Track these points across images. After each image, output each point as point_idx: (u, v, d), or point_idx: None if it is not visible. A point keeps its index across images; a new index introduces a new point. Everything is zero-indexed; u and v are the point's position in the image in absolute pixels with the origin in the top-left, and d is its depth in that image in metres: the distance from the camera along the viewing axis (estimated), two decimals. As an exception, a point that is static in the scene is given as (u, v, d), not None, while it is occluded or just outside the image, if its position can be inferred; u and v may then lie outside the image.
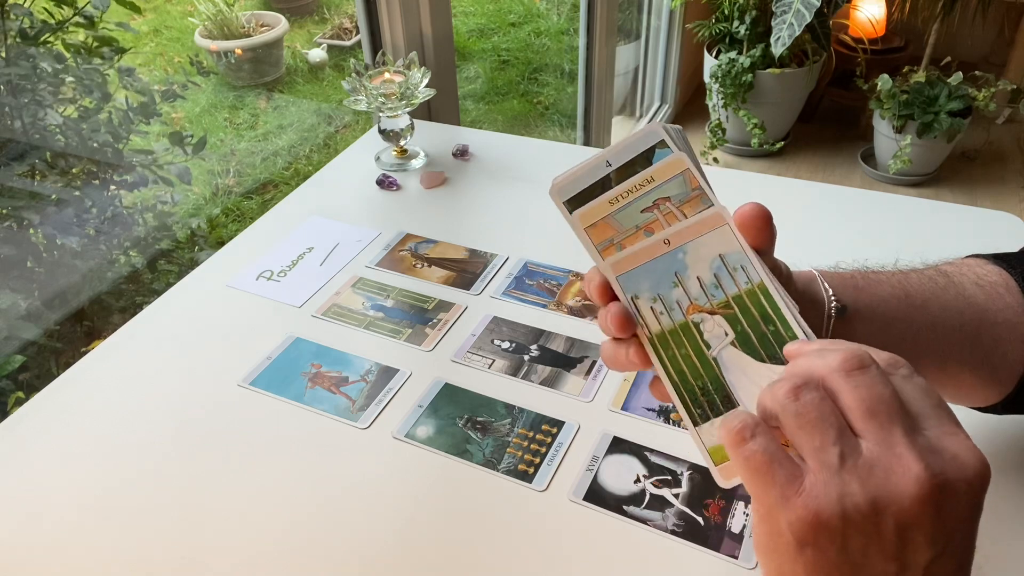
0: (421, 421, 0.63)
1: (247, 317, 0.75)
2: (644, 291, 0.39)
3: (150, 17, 2.06)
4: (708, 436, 0.37)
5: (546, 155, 1.01)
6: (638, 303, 0.39)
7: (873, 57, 2.56)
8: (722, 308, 0.38)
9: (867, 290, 0.46)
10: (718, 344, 0.37)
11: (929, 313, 0.46)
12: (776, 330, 0.37)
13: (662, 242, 0.39)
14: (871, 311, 0.45)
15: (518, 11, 3.04)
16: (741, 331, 0.37)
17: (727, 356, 0.37)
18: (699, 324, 0.38)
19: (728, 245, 0.38)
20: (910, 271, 0.48)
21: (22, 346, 1.09)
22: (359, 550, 0.53)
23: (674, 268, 0.38)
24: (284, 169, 1.97)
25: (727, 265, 0.38)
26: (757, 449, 0.32)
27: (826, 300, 0.44)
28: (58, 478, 0.59)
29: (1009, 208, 0.91)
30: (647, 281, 0.39)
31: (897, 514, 0.29)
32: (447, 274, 0.79)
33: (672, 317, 0.38)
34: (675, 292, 0.38)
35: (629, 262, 0.39)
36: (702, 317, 0.38)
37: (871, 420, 0.31)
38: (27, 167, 1.14)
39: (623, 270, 0.39)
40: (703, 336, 0.38)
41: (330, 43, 2.33)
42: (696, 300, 0.38)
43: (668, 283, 0.38)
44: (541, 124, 2.66)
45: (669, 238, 0.38)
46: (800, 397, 0.31)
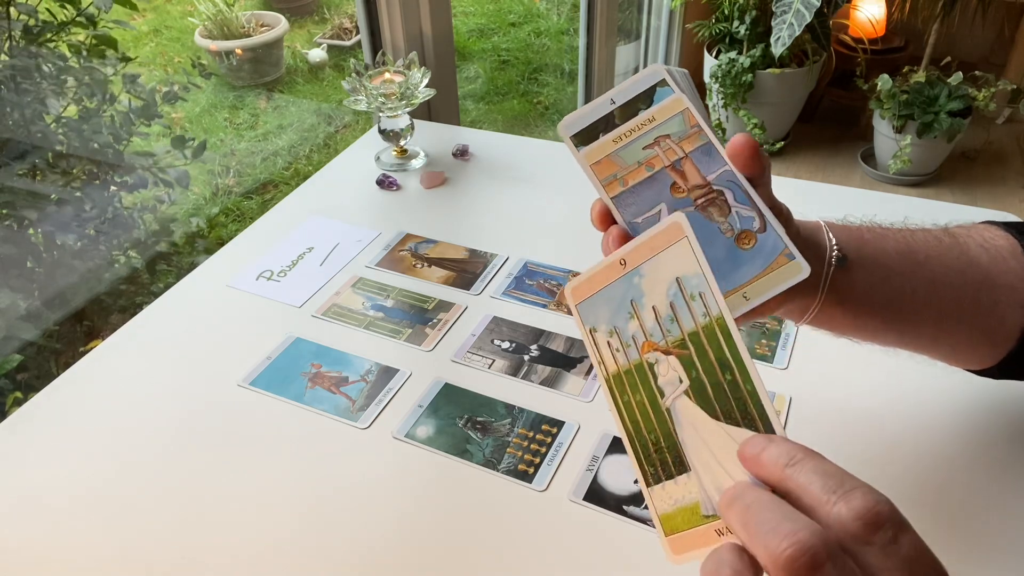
0: (421, 421, 0.63)
1: (247, 317, 0.75)
2: (601, 323, 0.35)
3: (150, 17, 2.06)
4: (660, 501, 0.33)
5: (546, 155, 1.01)
6: (595, 336, 0.35)
7: (873, 57, 2.56)
8: (677, 347, 0.33)
9: (871, 243, 0.46)
10: (671, 392, 0.33)
11: (930, 269, 0.46)
12: (734, 380, 0.31)
13: (618, 263, 0.34)
14: (873, 262, 0.45)
15: (518, 11, 3.04)
16: (696, 378, 0.32)
17: (680, 408, 0.33)
18: (654, 365, 0.33)
19: (687, 265, 0.33)
20: (917, 229, 0.49)
21: (21, 346, 1.09)
22: (359, 550, 0.53)
23: (630, 295, 0.34)
24: (284, 169, 1.97)
25: (684, 292, 0.33)
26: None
27: (828, 248, 0.44)
28: (58, 478, 0.59)
29: (1009, 208, 0.91)
30: (604, 310, 0.35)
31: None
32: (447, 274, 0.79)
33: (628, 355, 0.34)
34: (631, 325, 0.34)
35: (587, 288, 0.35)
36: (656, 357, 0.33)
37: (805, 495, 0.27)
38: (28, 167, 1.14)
39: (582, 297, 0.36)
40: (657, 381, 0.33)
41: (330, 43, 2.33)
42: (651, 336, 0.33)
43: (624, 313, 0.34)
44: (541, 124, 2.66)
45: (625, 258, 0.34)
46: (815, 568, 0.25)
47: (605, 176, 0.43)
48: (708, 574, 0.28)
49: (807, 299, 0.45)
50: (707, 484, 0.31)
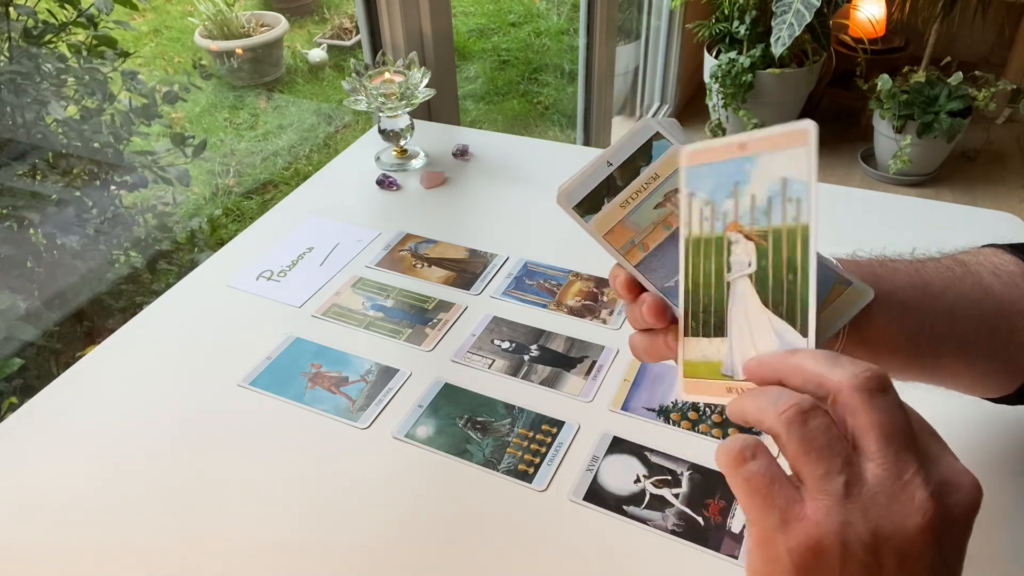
0: (421, 421, 0.63)
1: (247, 317, 0.75)
2: (701, 191, 0.37)
3: (150, 17, 2.06)
4: (689, 349, 0.38)
5: (546, 155, 1.01)
6: (692, 200, 0.37)
7: (873, 57, 2.56)
8: (759, 236, 0.35)
9: (885, 278, 0.45)
10: (738, 271, 0.36)
11: (946, 302, 0.46)
12: (794, 284, 0.34)
13: (736, 146, 0.36)
14: (888, 298, 0.44)
15: (518, 11, 3.04)
16: (763, 267, 0.35)
17: (740, 287, 0.36)
18: (732, 244, 0.36)
19: (798, 169, 0.34)
20: (927, 260, 0.48)
21: (22, 347, 1.09)
22: (359, 550, 0.53)
23: (737, 177, 0.36)
24: (284, 169, 1.97)
25: (785, 191, 0.34)
26: (757, 471, 0.31)
27: None
28: (58, 478, 0.59)
29: (1009, 208, 0.91)
30: (709, 181, 0.37)
31: (900, 545, 0.29)
32: (447, 274, 0.79)
33: (714, 226, 0.37)
34: (727, 203, 0.36)
35: (702, 156, 0.37)
36: (737, 237, 0.36)
37: (887, 447, 0.30)
38: (28, 167, 1.14)
39: (696, 161, 0.37)
40: (729, 257, 0.36)
41: (330, 43, 2.33)
42: (741, 218, 0.36)
43: (726, 191, 0.36)
44: (541, 124, 2.66)
45: (746, 143, 0.36)
46: (808, 422, 0.31)
47: (622, 244, 0.41)
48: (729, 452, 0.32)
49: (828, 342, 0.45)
50: (735, 352, 0.36)
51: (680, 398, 0.37)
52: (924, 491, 0.29)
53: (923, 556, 0.29)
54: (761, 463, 0.31)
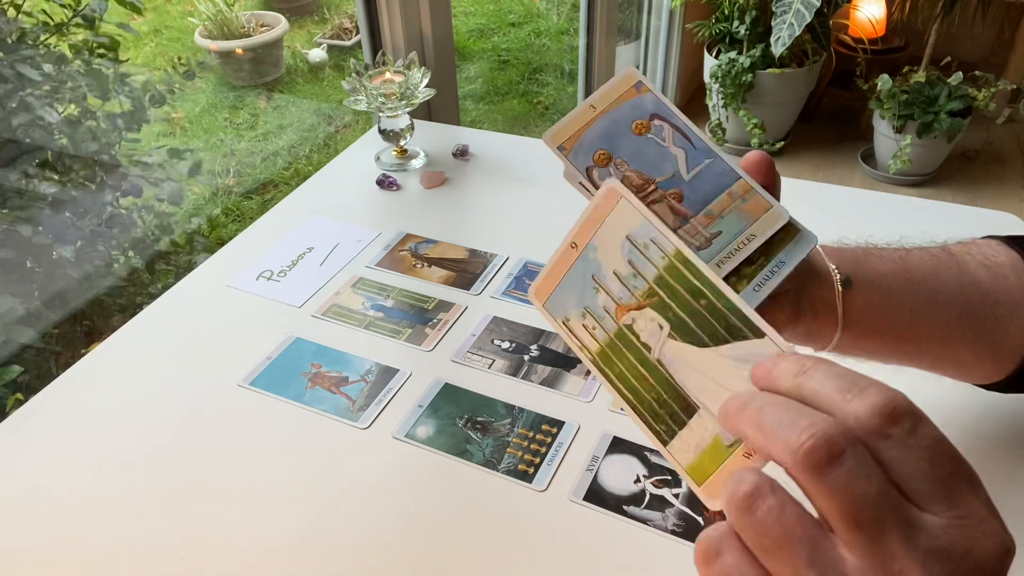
0: (421, 421, 0.63)
1: (247, 317, 0.75)
2: (571, 309, 0.35)
3: (150, 17, 2.06)
4: (681, 454, 0.32)
5: (546, 155, 1.00)
6: (570, 325, 0.35)
7: (873, 57, 2.56)
8: (647, 298, 0.33)
9: (866, 263, 0.46)
10: (656, 342, 0.32)
11: (927, 288, 0.46)
12: (709, 303, 0.31)
13: (569, 247, 0.35)
14: (869, 283, 0.45)
15: (518, 11, 3.04)
16: (674, 316, 0.32)
17: (669, 352, 0.32)
18: (631, 325, 0.33)
19: (631, 221, 0.33)
20: (913, 248, 0.49)
21: (21, 348, 1.09)
22: (359, 550, 0.53)
23: (590, 271, 0.34)
24: (284, 169, 1.97)
25: (637, 245, 0.33)
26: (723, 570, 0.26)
27: (832, 273, 0.45)
28: (58, 478, 0.59)
29: (1009, 208, 0.91)
30: (571, 296, 0.35)
31: None
32: (447, 274, 0.79)
33: (605, 327, 0.34)
34: (600, 298, 0.34)
35: (548, 284, 0.36)
36: (632, 316, 0.33)
37: (856, 530, 0.24)
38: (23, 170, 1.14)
39: (546, 295, 0.36)
40: (640, 338, 0.33)
41: (330, 43, 2.33)
42: (620, 300, 0.33)
43: (590, 290, 0.34)
44: (541, 124, 2.66)
45: (575, 241, 0.35)
46: (754, 510, 0.25)
47: None
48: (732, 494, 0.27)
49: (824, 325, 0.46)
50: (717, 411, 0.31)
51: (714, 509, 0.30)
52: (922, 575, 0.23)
53: None
54: (728, 561, 0.26)
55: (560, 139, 0.41)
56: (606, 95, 0.42)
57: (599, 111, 0.41)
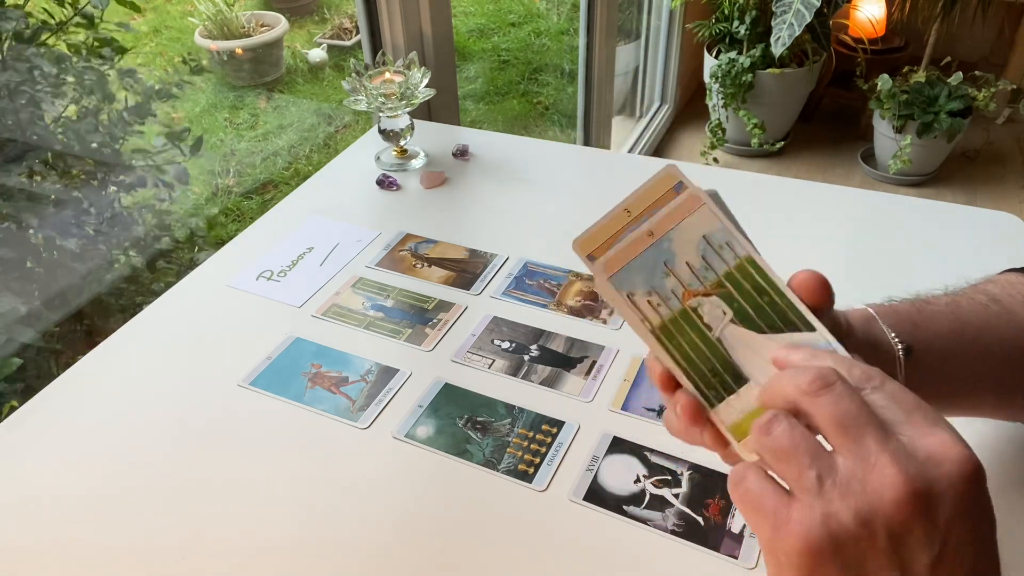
0: (421, 421, 0.63)
1: (247, 317, 0.75)
2: (638, 286, 0.39)
3: (150, 17, 2.06)
4: (726, 415, 0.38)
5: (546, 155, 1.01)
6: (635, 299, 0.39)
7: (873, 57, 2.56)
8: (716, 288, 0.38)
9: (923, 327, 0.46)
10: (719, 324, 0.38)
11: (982, 344, 0.47)
12: (771, 299, 0.38)
13: (646, 234, 0.39)
14: (927, 348, 0.45)
15: (518, 11, 3.04)
16: (738, 307, 0.38)
17: (729, 334, 0.38)
18: (697, 308, 0.38)
19: (709, 224, 0.39)
20: (961, 297, 0.49)
21: (21, 347, 1.09)
22: (359, 550, 0.53)
23: (662, 258, 0.39)
24: (284, 169, 1.97)
25: (712, 245, 0.39)
26: (748, 488, 0.33)
27: (893, 344, 0.43)
28: (57, 478, 0.59)
29: (1009, 208, 0.91)
30: (639, 276, 0.39)
31: (885, 523, 0.30)
32: (447, 274, 0.79)
33: (670, 306, 0.39)
34: (668, 281, 0.39)
35: (618, 261, 0.39)
36: (699, 301, 0.38)
37: (842, 435, 0.31)
38: (26, 168, 1.14)
39: (613, 270, 0.39)
40: (703, 319, 0.38)
41: (330, 43, 2.33)
42: (689, 286, 0.39)
43: (659, 274, 0.39)
44: (541, 124, 2.66)
45: (652, 229, 0.39)
46: (771, 431, 0.33)
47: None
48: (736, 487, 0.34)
49: None
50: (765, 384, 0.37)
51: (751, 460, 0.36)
52: (893, 467, 0.30)
53: (911, 529, 0.29)
54: (751, 480, 0.33)
55: (590, 247, 0.40)
56: (643, 197, 0.40)
57: (634, 216, 0.40)
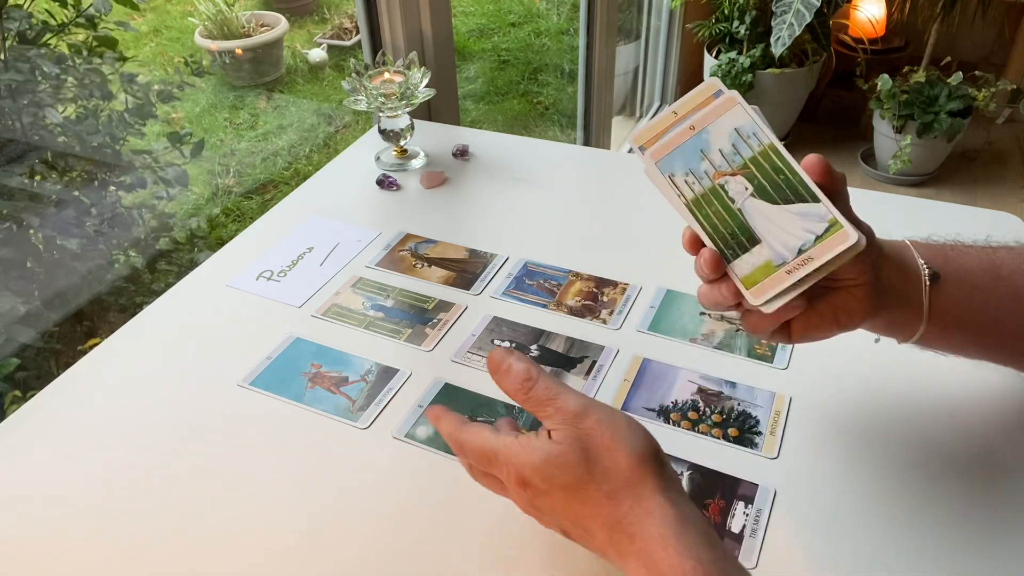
0: (421, 421, 0.63)
1: (247, 317, 0.75)
2: (678, 169, 0.47)
3: (150, 17, 2.06)
4: (740, 268, 0.46)
5: (546, 155, 1.01)
6: (674, 179, 0.48)
7: (873, 57, 2.56)
8: (741, 170, 0.46)
9: (955, 260, 0.49)
10: (741, 197, 0.46)
11: (1013, 285, 0.49)
12: (786, 177, 0.45)
13: (688, 128, 0.47)
14: (956, 279, 0.48)
15: (518, 11, 3.04)
16: (758, 184, 0.46)
17: (750, 206, 0.46)
18: (724, 186, 0.47)
19: (741, 119, 0.46)
20: (1000, 246, 0.51)
21: (21, 347, 1.09)
22: (359, 550, 0.53)
23: (700, 147, 0.47)
24: (284, 169, 1.97)
25: (741, 135, 0.46)
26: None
27: (921, 268, 0.48)
28: (57, 478, 0.59)
29: (1009, 208, 0.91)
30: (679, 160, 0.47)
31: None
32: (447, 274, 0.79)
33: (703, 184, 0.47)
34: (703, 165, 0.47)
35: (663, 149, 0.48)
36: (726, 180, 0.46)
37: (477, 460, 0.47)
38: (26, 168, 1.14)
39: (659, 156, 0.48)
40: (728, 194, 0.46)
41: (330, 43, 2.33)
42: (720, 168, 0.47)
43: (696, 159, 0.47)
44: (541, 124, 2.66)
45: (694, 124, 0.47)
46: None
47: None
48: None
49: (908, 317, 0.48)
50: (776, 244, 0.46)
51: (755, 306, 0.46)
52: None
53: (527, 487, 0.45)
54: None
55: (643, 140, 0.49)
56: (688, 102, 0.48)
57: (680, 116, 0.48)
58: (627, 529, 0.40)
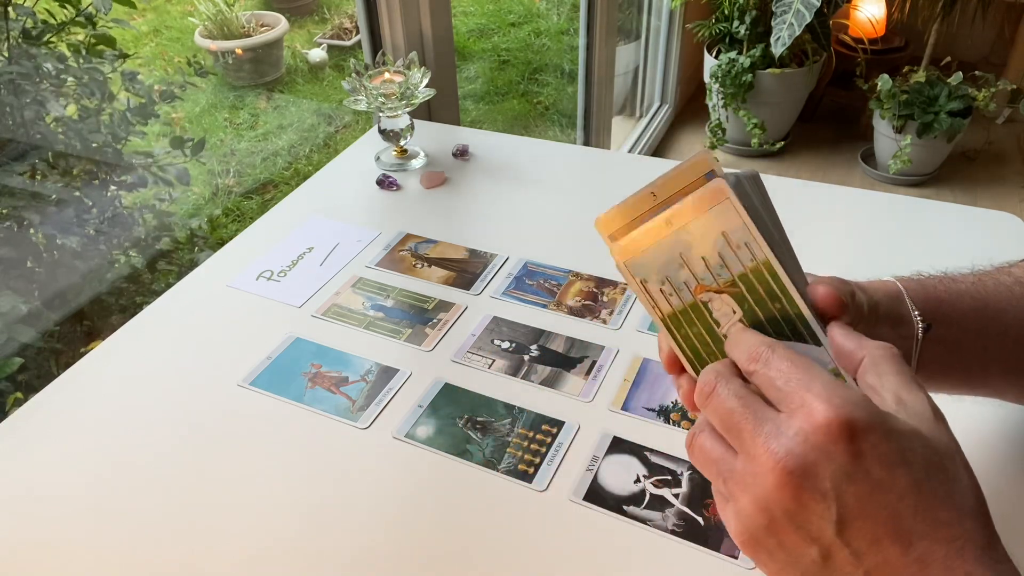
0: (421, 421, 0.63)
1: (247, 317, 0.75)
2: (652, 274, 0.38)
3: (150, 17, 2.06)
4: None
5: (546, 155, 1.01)
6: (648, 287, 0.39)
7: (873, 57, 2.56)
8: (728, 287, 0.37)
9: (947, 303, 0.47)
10: (727, 322, 0.38)
11: (1001, 323, 0.47)
12: (783, 307, 0.37)
13: (664, 223, 0.37)
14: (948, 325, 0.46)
15: (518, 11, 3.04)
16: (748, 309, 0.38)
17: (735, 333, 0.38)
18: (707, 303, 0.38)
19: (730, 222, 0.36)
20: (987, 277, 0.49)
21: (22, 347, 1.09)
22: (359, 550, 0.53)
23: (678, 249, 0.37)
24: (284, 169, 1.97)
25: (731, 243, 0.37)
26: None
27: (915, 320, 0.44)
28: (57, 478, 0.59)
29: (1009, 208, 0.92)
30: (654, 264, 0.38)
31: (778, 507, 0.32)
32: (447, 274, 0.79)
33: (681, 298, 0.38)
34: (682, 273, 0.38)
35: (635, 246, 0.38)
36: (710, 296, 0.38)
37: (730, 437, 0.35)
38: (27, 167, 1.14)
39: (630, 255, 0.38)
40: (712, 315, 0.38)
41: (330, 43, 2.33)
42: (702, 280, 0.38)
43: (675, 264, 0.38)
44: (541, 124, 2.66)
45: (671, 218, 0.37)
46: (693, 449, 0.37)
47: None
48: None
49: None
50: None
51: None
52: (766, 454, 0.32)
53: (802, 506, 0.31)
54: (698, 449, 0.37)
55: (612, 228, 0.39)
56: (672, 182, 0.39)
57: (660, 200, 0.39)
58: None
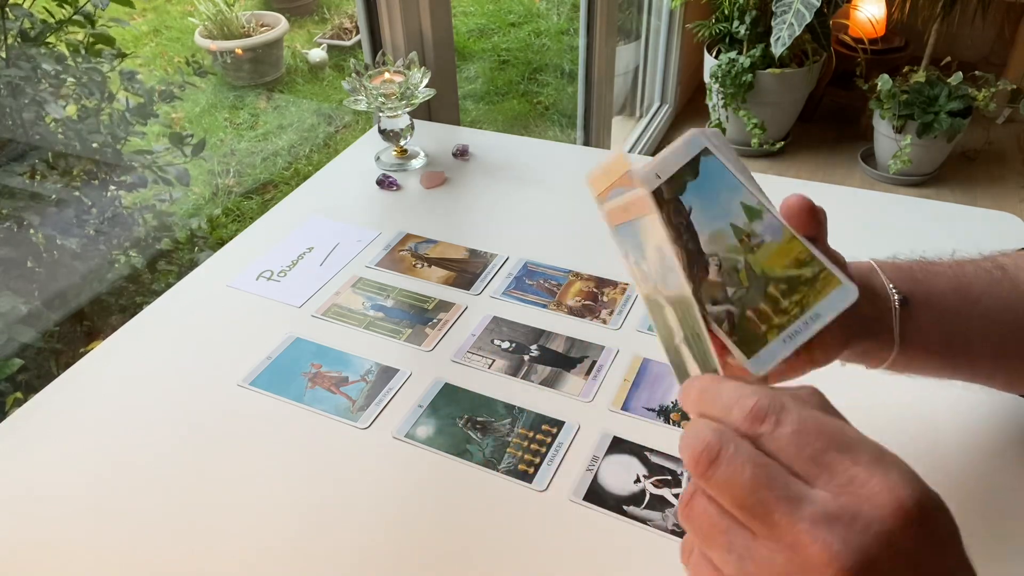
0: (421, 421, 0.63)
1: (247, 317, 0.75)
2: (628, 250, 0.37)
3: (150, 17, 2.06)
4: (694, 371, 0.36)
5: (546, 155, 1.01)
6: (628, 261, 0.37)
7: (873, 57, 2.56)
8: (672, 302, 0.36)
9: (924, 282, 0.46)
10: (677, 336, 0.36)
11: (982, 306, 0.47)
12: (702, 349, 0.35)
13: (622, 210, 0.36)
14: (926, 302, 0.45)
15: (518, 11, 3.04)
16: (686, 335, 0.36)
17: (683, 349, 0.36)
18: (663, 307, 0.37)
19: (660, 238, 0.35)
20: (966, 262, 0.49)
21: (22, 347, 1.09)
22: (359, 550, 0.53)
23: (640, 237, 0.36)
24: (284, 169, 1.97)
25: (664, 262, 0.35)
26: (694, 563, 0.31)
27: (889, 293, 0.44)
28: (57, 478, 0.59)
29: (1009, 208, 0.92)
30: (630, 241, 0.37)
31: None
32: (447, 274, 0.79)
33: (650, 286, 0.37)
34: (644, 264, 0.36)
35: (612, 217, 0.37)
36: (664, 302, 0.36)
37: (749, 517, 0.27)
38: (27, 167, 1.14)
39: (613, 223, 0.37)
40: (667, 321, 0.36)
41: (330, 43, 2.33)
42: (656, 282, 0.36)
43: (640, 251, 0.37)
44: (541, 124, 2.66)
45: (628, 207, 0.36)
46: (690, 513, 0.30)
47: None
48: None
49: (880, 345, 0.45)
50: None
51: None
52: (815, 544, 0.26)
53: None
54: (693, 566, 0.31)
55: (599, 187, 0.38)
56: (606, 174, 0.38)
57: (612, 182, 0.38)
58: None
